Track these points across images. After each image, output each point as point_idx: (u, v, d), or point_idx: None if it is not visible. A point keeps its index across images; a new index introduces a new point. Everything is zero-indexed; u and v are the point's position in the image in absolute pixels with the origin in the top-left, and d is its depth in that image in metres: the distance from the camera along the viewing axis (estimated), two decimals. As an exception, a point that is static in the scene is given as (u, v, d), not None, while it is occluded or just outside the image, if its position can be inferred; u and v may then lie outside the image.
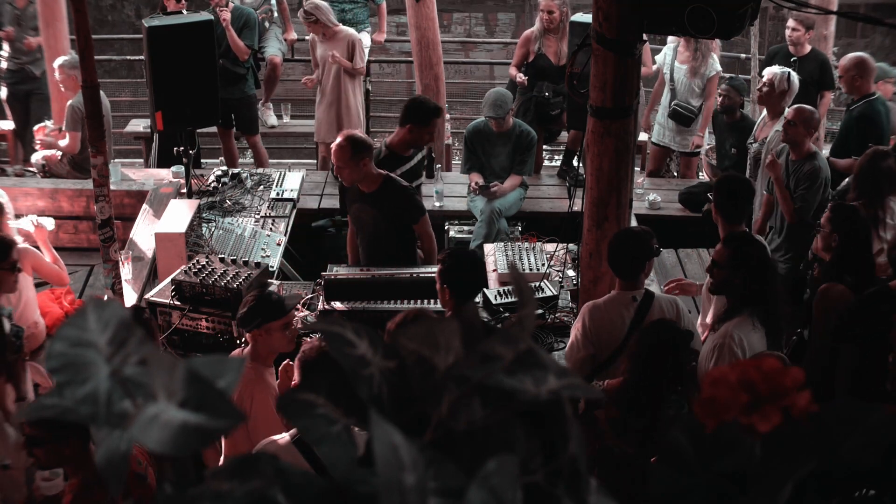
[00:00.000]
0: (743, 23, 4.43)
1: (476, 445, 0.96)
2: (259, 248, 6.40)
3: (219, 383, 0.97)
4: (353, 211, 6.00)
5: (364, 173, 5.71)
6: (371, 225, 5.91)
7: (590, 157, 4.91)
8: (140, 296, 5.86)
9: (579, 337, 4.55)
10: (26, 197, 7.38)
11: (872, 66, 7.11)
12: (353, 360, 1.02)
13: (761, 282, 4.29)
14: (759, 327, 4.26)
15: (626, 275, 4.58)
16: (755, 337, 4.24)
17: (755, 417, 1.04)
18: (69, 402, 0.96)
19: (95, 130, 4.94)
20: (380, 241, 5.92)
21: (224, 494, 0.93)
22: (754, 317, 4.26)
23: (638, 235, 4.63)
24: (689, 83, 8.18)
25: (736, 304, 4.33)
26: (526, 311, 1.08)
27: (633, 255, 4.57)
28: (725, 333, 4.24)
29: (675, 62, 8.24)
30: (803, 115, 6.23)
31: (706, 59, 8.15)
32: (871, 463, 1.04)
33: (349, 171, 5.68)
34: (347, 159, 5.64)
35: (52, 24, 8.63)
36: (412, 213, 5.89)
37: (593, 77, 4.74)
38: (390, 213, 5.83)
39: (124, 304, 5.34)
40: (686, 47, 8.19)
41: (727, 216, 5.18)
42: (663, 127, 8.37)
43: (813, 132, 6.31)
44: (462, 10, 17.13)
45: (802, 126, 6.20)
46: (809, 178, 6.20)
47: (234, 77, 8.40)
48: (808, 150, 6.26)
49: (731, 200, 5.21)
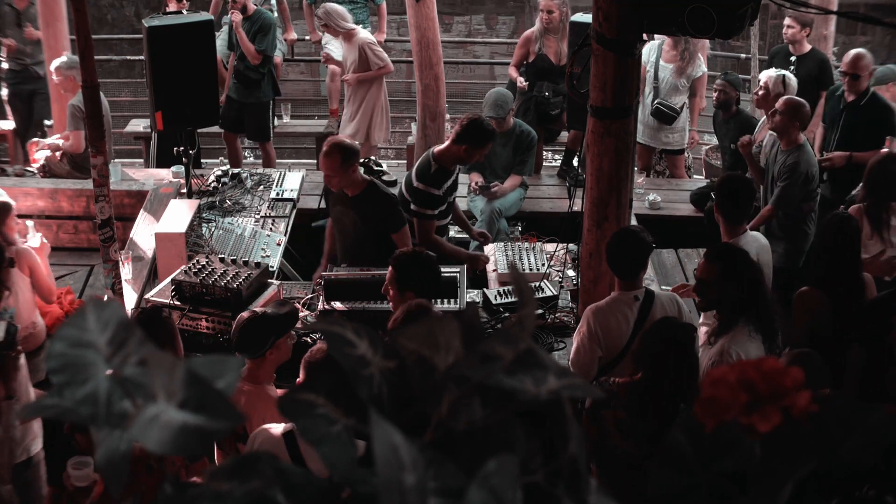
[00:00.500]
0: (743, 23, 4.43)
1: (476, 445, 0.96)
2: (259, 248, 6.40)
3: (218, 384, 0.97)
4: (335, 213, 6.00)
5: (351, 179, 5.74)
6: (351, 228, 5.91)
7: (590, 157, 4.91)
8: (140, 296, 5.86)
9: (586, 341, 4.52)
10: (26, 197, 7.38)
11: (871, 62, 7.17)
12: (353, 360, 1.02)
13: (754, 291, 4.27)
14: (755, 336, 4.24)
15: (627, 274, 4.58)
16: (752, 347, 4.21)
17: (755, 417, 1.04)
18: (69, 403, 0.96)
19: (95, 130, 4.94)
20: (359, 245, 5.89)
21: (224, 494, 0.93)
22: (749, 325, 4.24)
23: (635, 234, 4.63)
24: (674, 82, 8.18)
25: (728, 316, 4.30)
26: (526, 311, 1.08)
27: (633, 255, 4.57)
28: (722, 350, 4.21)
29: (661, 61, 8.22)
30: (789, 104, 6.30)
31: (693, 60, 8.16)
32: (871, 463, 1.04)
33: (339, 178, 5.71)
34: (337, 168, 5.66)
35: (52, 24, 8.63)
36: (393, 222, 5.81)
37: (593, 77, 4.74)
38: (371, 218, 5.81)
39: (124, 305, 5.34)
40: (672, 46, 8.17)
41: (728, 216, 5.18)
42: (644, 125, 8.28)
43: (798, 123, 6.33)
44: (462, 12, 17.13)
45: (787, 116, 6.26)
46: (790, 169, 6.27)
47: (248, 81, 8.41)
48: (795, 141, 6.32)
49: (732, 200, 5.21)
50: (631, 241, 4.57)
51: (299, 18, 11.11)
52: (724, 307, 4.33)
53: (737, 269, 4.28)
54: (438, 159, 6.05)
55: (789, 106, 6.31)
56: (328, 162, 5.67)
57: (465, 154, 6.00)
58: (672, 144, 8.42)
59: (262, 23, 8.36)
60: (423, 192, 6.00)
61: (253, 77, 8.41)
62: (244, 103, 8.47)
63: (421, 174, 6.04)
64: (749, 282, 4.27)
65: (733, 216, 5.20)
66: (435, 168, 6.02)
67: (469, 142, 5.95)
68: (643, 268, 4.61)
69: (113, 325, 1.01)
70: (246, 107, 8.48)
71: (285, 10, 9.72)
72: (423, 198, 6.00)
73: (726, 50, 11.50)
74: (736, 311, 4.27)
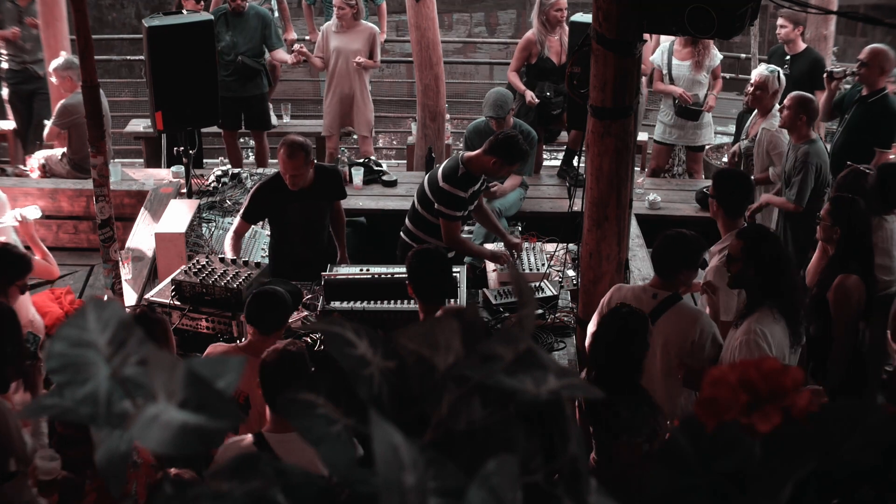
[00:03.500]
0: (743, 23, 4.43)
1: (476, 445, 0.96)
2: (259, 248, 6.39)
3: (218, 384, 0.97)
4: (292, 213, 5.97)
5: (308, 174, 5.85)
6: (315, 216, 6.06)
7: (590, 157, 4.91)
8: (140, 296, 5.86)
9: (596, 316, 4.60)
10: (26, 197, 7.38)
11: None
12: (353, 360, 1.02)
13: (776, 274, 4.30)
14: (780, 318, 4.27)
15: (659, 270, 4.64)
16: (777, 329, 4.25)
17: (755, 417, 1.04)
18: (69, 403, 0.96)
19: (95, 130, 4.94)
20: (321, 224, 6.14)
21: (224, 494, 0.93)
22: (774, 308, 4.27)
23: (687, 239, 4.65)
24: (693, 77, 8.19)
25: (755, 297, 4.33)
26: (526, 311, 1.09)
27: (676, 255, 4.61)
28: (749, 329, 4.24)
29: (674, 59, 8.24)
30: (795, 99, 6.36)
31: (709, 50, 8.18)
32: (871, 463, 1.04)
33: (303, 175, 5.79)
34: (301, 165, 5.73)
35: (52, 24, 8.63)
36: (342, 190, 6.20)
37: (593, 77, 4.74)
38: (327, 193, 6.07)
39: (124, 305, 5.34)
40: (684, 44, 8.19)
41: (728, 210, 5.21)
42: (667, 125, 8.37)
43: (805, 117, 6.35)
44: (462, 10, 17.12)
45: (793, 110, 6.32)
46: (802, 162, 6.33)
47: (253, 73, 8.40)
48: (805, 136, 6.38)
49: (730, 195, 5.24)
50: (678, 243, 4.63)
51: (299, 17, 11.12)
52: (750, 285, 4.37)
53: (760, 250, 4.32)
54: (467, 164, 6.01)
55: (795, 100, 6.35)
56: (295, 163, 5.71)
57: (493, 167, 5.96)
58: (699, 140, 8.45)
59: (263, 25, 8.36)
60: (448, 193, 5.97)
61: (256, 68, 8.41)
62: (243, 97, 8.45)
63: (448, 176, 6.00)
64: (772, 265, 4.30)
65: (732, 210, 5.23)
66: (462, 172, 5.98)
67: (501, 155, 5.91)
68: (679, 273, 4.63)
69: (113, 325, 1.01)
70: (245, 100, 8.48)
71: (285, 10, 9.72)
72: (448, 199, 5.98)
73: (726, 50, 11.49)
74: (760, 292, 4.30)
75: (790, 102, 6.37)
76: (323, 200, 6.07)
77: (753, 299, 4.34)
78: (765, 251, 4.33)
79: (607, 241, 4.97)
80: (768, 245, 4.38)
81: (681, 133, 8.38)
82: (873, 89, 6.87)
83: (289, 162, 5.71)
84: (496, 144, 5.92)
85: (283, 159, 5.74)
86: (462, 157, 6.08)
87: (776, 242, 4.50)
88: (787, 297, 4.31)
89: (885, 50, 6.88)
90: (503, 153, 5.90)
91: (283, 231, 6.12)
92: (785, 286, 4.32)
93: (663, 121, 8.44)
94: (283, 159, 5.74)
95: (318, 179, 5.94)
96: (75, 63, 6.45)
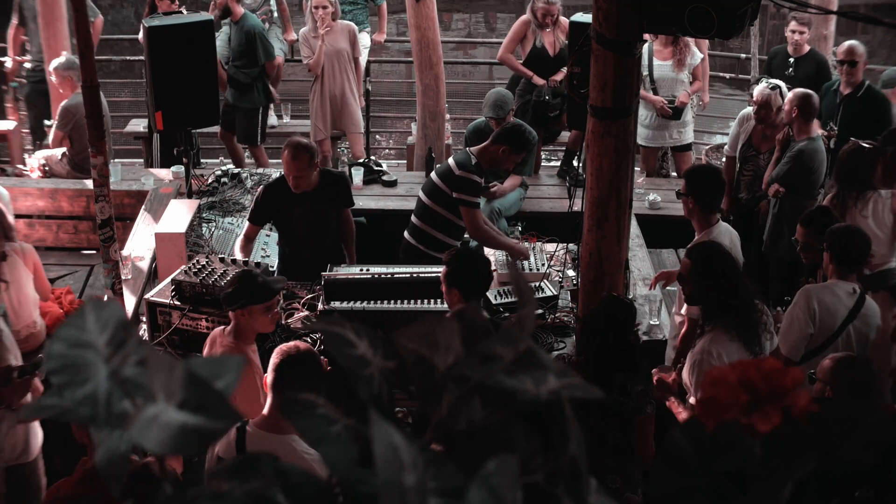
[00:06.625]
0: (743, 23, 4.43)
1: (476, 445, 0.96)
2: (259, 248, 6.39)
3: (217, 384, 0.97)
4: (297, 213, 5.95)
5: (312, 176, 5.82)
6: (321, 219, 6.00)
7: (590, 157, 4.90)
8: (140, 296, 5.86)
9: (801, 315, 4.68)
10: (26, 197, 7.38)
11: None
12: (353, 360, 1.02)
13: (728, 294, 4.31)
14: (736, 337, 4.29)
15: (848, 265, 4.74)
16: (733, 347, 4.27)
17: (755, 417, 1.04)
18: (69, 403, 0.96)
19: (95, 130, 4.93)
20: (327, 229, 6.06)
21: (224, 494, 0.93)
22: (729, 326, 4.29)
23: (862, 232, 4.87)
24: (676, 76, 8.16)
25: (712, 313, 4.36)
26: (526, 311, 1.08)
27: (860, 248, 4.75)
28: (703, 349, 4.29)
29: (655, 60, 8.20)
30: (795, 95, 6.56)
31: (689, 48, 8.15)
32: (871, 463, 1.04)
33: (306, 177, 5.76)
34: (305, 167, 5.71)
35: (52, 24, 8.63)
36: (349, 197, 6.16)
37: (593, 77, 4.73)
38: (334, 198, 6.00)
39: (124, 305, 5.34)
40: (664, 44, 8.15)
41: (703, 206, 5.26)
42: (646, 128, 8.22)
43: (797, 112, 6.51)
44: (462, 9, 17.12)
45: (790, 104, 6.52)
46: (793, 157, 6.53)
47: (240, 85, 8.44)
48: (805, 132, 6.56)
49: (705, 191, 5.30)
50: (857, 237, 4.77)
51: (299, 17, 11.12)
52: (704, 303, 4.41)
53: (711, 267, 4.35)
54: (477, 155, 6.05)
55: (795, 96, 6.55)
56: (298, 164, 5.70)
57: (502, 155, 5.99)
58: (682, 139, 8.39)
59: (249, 36, 8.34)
60: (466, 179, 5.95)
61: (244, 81, 8.43)
62: (237, 106, 8.51)
63: (462, 163, 6.01)
64: (725, 284, 4.31)
65: (706, 205, 5.28)
66: (475, 161, 6.02)
67: (509, 143, 5.96)
68: (866, 264, 4.79)
69: (112, 326, 1.01)
70: (237, 109, 8.53)
71: (285, 10, 9.72)
72: (466, 185, 5.95)
73: (726, 50, 11.50)
74: (716, 310, 4.33)
75: (790, 98, 6.56)
76: (328, 206, 6.00)
77: (709, 315, 4.36)
78: (717, 266, 4.35)
79: (607, 241, 4.97)
80: (718, 265, 4.38)
81: (665, 133, 8.32)
82: (856, 85, 7.18)
83: (292, 163, 5.71)
84: (504, 133, 6.03)
85: (287, 160, 5.74)
86: (470, 150, 6.16)
87: (726, 258, 4.49)
88: (742, 314, 4.32)
89: (858, 44, 7.29)
90: (511, 141, 5.98)
91: (287, 234, 6.13)
92: (742, 301, 4.33)
93: (643, 123, 8.37)
94: (287, 160, 5.74)
95: (324, 184, 5.91)
96: (76, 63, 6.45)
